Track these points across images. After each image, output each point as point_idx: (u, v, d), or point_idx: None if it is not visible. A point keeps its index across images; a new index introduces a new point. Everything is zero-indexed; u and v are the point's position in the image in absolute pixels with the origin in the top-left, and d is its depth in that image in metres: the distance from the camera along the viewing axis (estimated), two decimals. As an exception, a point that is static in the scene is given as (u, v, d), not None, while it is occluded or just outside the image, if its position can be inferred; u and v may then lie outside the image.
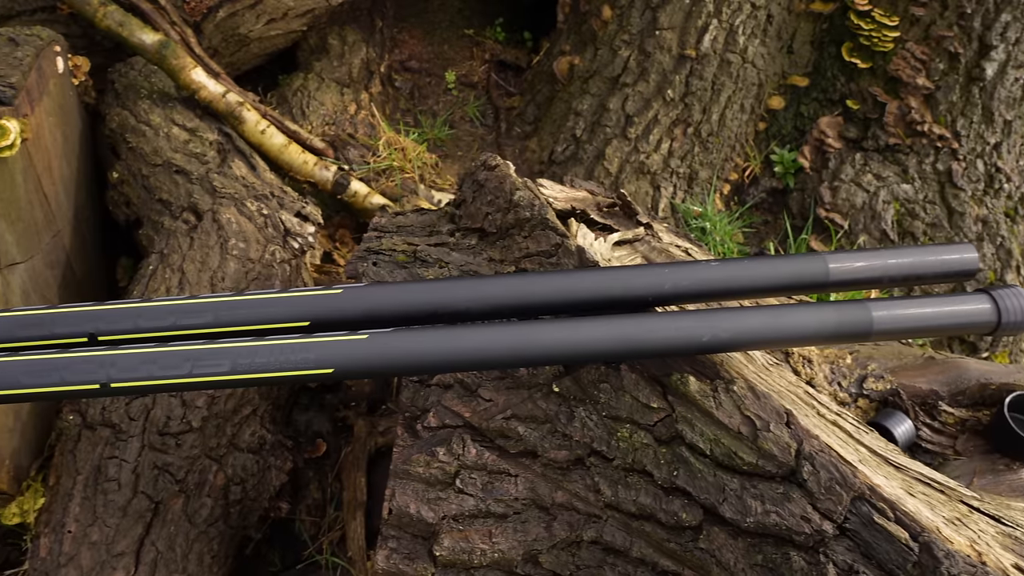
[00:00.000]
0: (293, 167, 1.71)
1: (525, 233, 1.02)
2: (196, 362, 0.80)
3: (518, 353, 0.84)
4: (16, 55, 1.31)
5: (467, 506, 0.88)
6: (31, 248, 1.29)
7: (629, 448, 0.87)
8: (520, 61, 2.31)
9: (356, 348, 0.81)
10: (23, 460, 1.19)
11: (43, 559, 1.15)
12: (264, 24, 1.95)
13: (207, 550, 1.22)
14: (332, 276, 1.69)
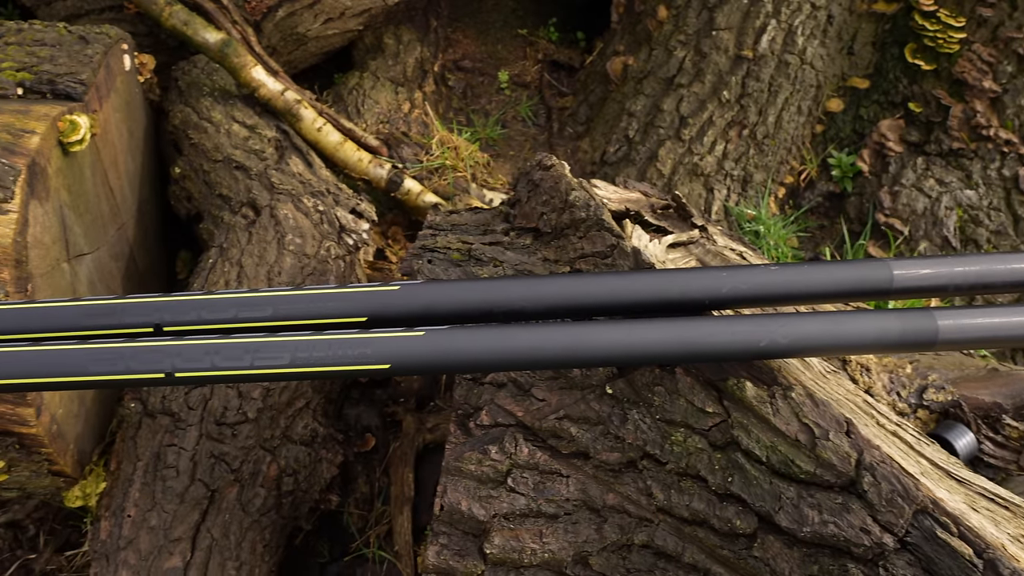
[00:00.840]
0: (348, 164, 1.73)
1: (580, 233, 1.02)
2: (256, 354, 0.81)
3: (572, 353, 0.84)
4: (86, 52, 1.35)
5: (518, 505, 0.89)
6: (98, 240, 1.33)
7: (683, 452, 0.86)
8: (573, 61, 2.31)
9: (412, 345, 0.82)
10: (86, 445, 1.23)
11: (103, 542, 1.18)
12: (322, 23, 1.98)
13: (259, 539, 1.25)
14: (385, 273, 1.71)
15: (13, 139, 1.08)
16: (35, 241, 1.07)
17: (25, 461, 1.09)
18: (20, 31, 1.40)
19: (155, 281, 1.69)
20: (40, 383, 0.82)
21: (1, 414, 1.03)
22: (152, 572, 1.16)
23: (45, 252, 1.10)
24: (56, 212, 1.15)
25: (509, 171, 2.04)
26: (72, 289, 1.21)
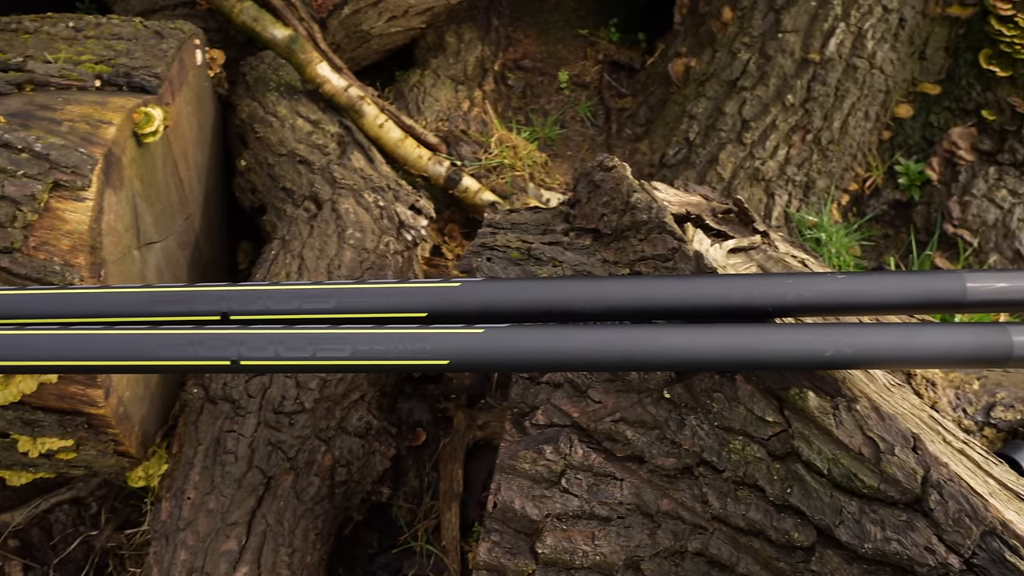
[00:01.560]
0: (408, 161, 1.75)
1: (641, 236, 1.01)
2: (319, 345, 0.83)
3: (631, 356, 0.83)
4: (161, 47, 1.39)
5: (571, 506, 0.88)
6: (166, 229, 1.37)
7: (741, 461, 0.85)
8: (634, 62, 2.29)
9: (472, 341, 0.82)
10: (150, 427, 1.27)
11: (163, 522, 1.22)
12: (385, 21, 2.00)
13: (312, 527, 1.27)
14: (441, 269, 1.72)
15: (91, 129, 1.12)
16: (109, 228, 1.10)
17: (93, 441, 1.13)
18: (99, 25, 1.45)
19: (218, 270, 1.73)
20: (112, 366, 0.85)
21: (72, 395, 1.07)
22: (209, 554, 1.19)
23: (118, 239, 1.14)
24: (129, 201, 1.18)
25: (567, 171, 2.04)
26: (141, 276, 1.25)
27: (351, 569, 1.55)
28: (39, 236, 1.02)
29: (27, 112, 1.13)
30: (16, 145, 1.04)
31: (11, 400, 1.02)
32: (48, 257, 1.01)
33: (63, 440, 1.10)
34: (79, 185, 1.04)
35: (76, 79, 1.23)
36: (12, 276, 1.00)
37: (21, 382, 1.02)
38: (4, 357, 0.86)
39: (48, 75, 1.22)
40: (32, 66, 1.23)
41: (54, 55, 1.28)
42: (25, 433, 1.09)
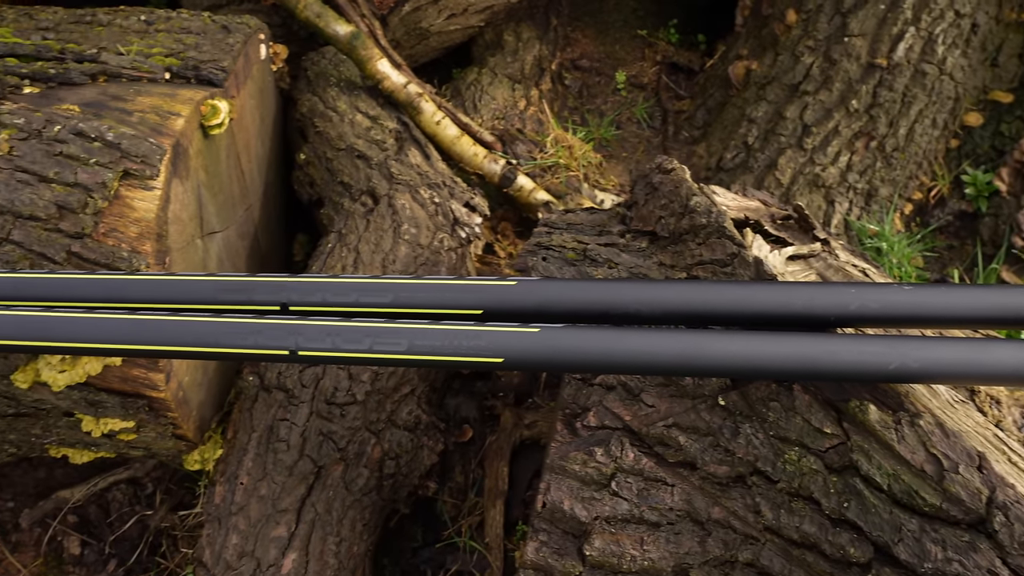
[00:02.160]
0: (464, 158, 1.76)
1: (699, 240, 1.00)
2: (376, 339, 0.84)
3: (687, 361, 0.82)
4: (228, 41, 1.42)
5: (621, 510, 0.88)
6: (228, 219, 1.40)
7: (796, 472, 0.83)
8: (693, 64, 2.27)
9: (527, 340, 0.82)
10: (207, 413, 1.29)
11: (217, 505, 1.25)
12: (445, 19, 2.01)
13: (359, 517, 1.28)
14: (493, 267, 1.73)
15: (161, 120, 1.15)
16: (175, 217, 1.13)
17: (152, 423, 1.16)
18: (169, 19, 1.48)
19: (275, 261, 1.76)
20: (176, 351, 0.87)
21: (135, 377, 1.10)
22: (259, 539, 1.21)
23: (182, 228, 1.17)
24: (194, 191, 1.21)
25: (621, 173, 2.03)
26: (203, 264, 1.28)
27: (395, 561, 1.57)
28: (108, 223, 1.05)
29: (100, 102, 1.17)
30: (89, 134, 1.08)
31: (77, 380, 1.05)
32: (116, 243, 1.04)
33: (125, 421, 1.14)
34: (148, 174, 1.07)
35: (147, 71, 1.26)
36: (82, 261, 1.03)
37: (87, 363, 1.05)
38: (73, 338, 0.89)
39: (120, 67, 1.25)
40: (105, 57, 1.26)
41: (126, 47, 1.32)
42: (89, 413, 1.13)
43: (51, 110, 1.12)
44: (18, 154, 1.06)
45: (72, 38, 1.36)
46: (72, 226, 1.03)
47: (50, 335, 0.90)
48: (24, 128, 1.08)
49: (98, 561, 1.56)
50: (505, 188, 1.77)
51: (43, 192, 1.03)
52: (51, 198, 1.03)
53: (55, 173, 1.04)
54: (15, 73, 1.19)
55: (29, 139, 1.07)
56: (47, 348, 0.92)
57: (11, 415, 1.15)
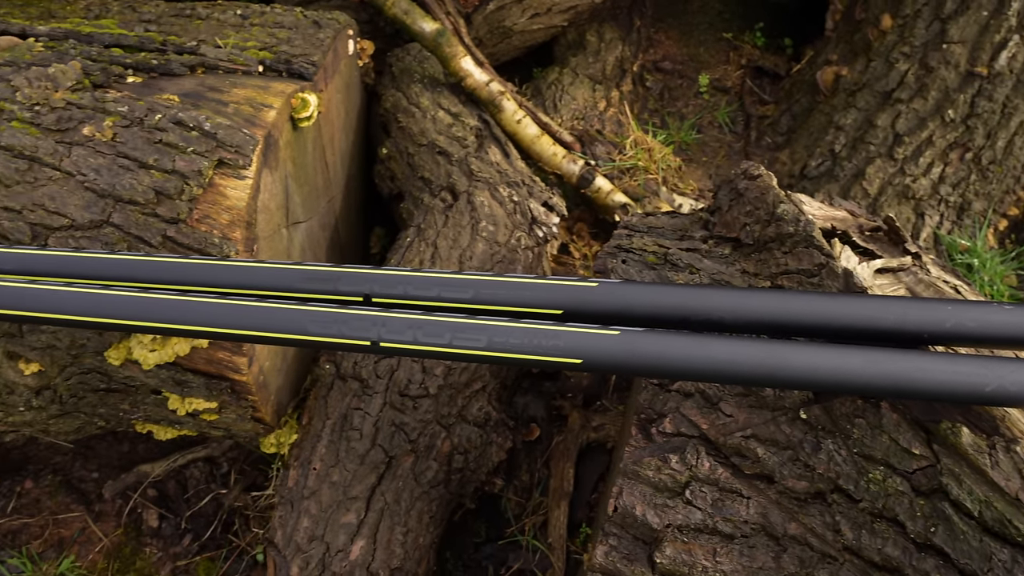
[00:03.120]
0: (543, 158, 1.76)
1: (786, 249, 0.98)
2: (456, 334, 0.84)
3: (769, 372, 0.80)
4: (318, 36, 1.45)
5: (694, 519, 0.86)
6: (311, 210, 1.43)
7: (880, 492, 0.81)
8: (779, 68, 2.21)
9: (606, 343, 0.82)
10: (284, 398, 1.33)
11: (290, 488, 1.28)
12: (528, 18, 2.02)
13: (426, 509, 1.30)
14: (568, 267, 1.72)
15: (254, 112, 1.19)
16: (263, 206, 1.16)
17: (234, 405, 1.19)
18: (263, 14, 1.53)
19: (353, 253, 1.79)
20: (262, 336, 0.89)
21: (219, 360, 1.13)
22: (329, 524, 1.24)
23: (270, 217, 1.20)
24: (282, 181, 1.25)
25: (701, 177, 2.00)
26: (287, 253, 1.31)
27: (457, 555, 1.58)
28: (202, 209, 1.09)
29: (198, 93, 1.21)
30: (188, 123, 1.12)
31: (166, 360, 1.09)
32: (209, 230, 1.08)
33: (208, 402, 1.18)
34: (241, 164, 1.11)
35: (242, 64, 1.30)
36: (176, 245, 1.07)
37: (176, 344, 1.09)
38: (165, 319, 0.93)
39: (217, 59, 1.29)
40: (204, 50, 1.31)
41: (223, 40, 1.36)
42: (175, 392, 1.17)
43: (152, 99, 1.16)
44: (121, 141, 1.10)
45: (173, 30, 1.42)
46: (168, 211, 1.07)
47: (144, 315, 0.93)
48: (127, 116, 1.12)
49: (174, 535, 1.62)
50: (583, 189, 1.76)
51: (142, 178, 1.08)
52: (150, 184, 1.07)
53: (154, 160, 1.09)
54: (120, 63, 1.25)
55: (131, 127, 1.11)
56: (140, 327, 0.95)
57: (103, 390, 1.20)
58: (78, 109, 1.13)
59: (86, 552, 1.58)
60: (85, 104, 1.13)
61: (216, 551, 1.59)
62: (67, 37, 1.30)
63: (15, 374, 1.14)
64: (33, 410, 1.22)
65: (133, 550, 1.60)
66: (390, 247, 1.88)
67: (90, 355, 1.13)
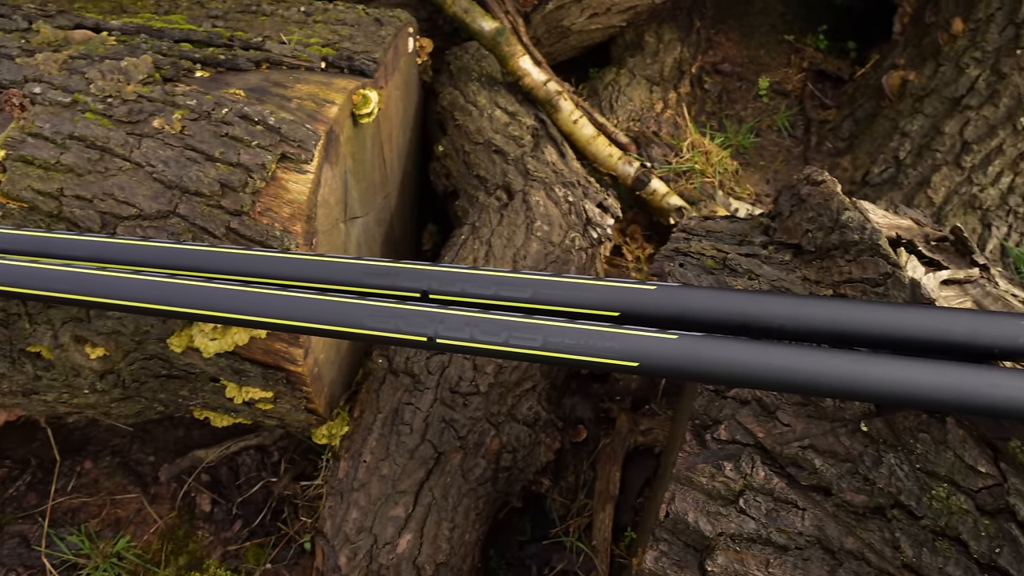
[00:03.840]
0: (598, 159, 1.75)
1: (850, 257, 0.96)
2: (512, 333, 0.84)
3: (830, 382, 0.79)
4: (380, 34, 1.46)
5: (747, 528, 0.85)
6: (368, 206, 1.45)
7: (943, 510, 0.78)
8: (842, 72, 2.17)
9: (664, 347, 0.81)
10: (336, 390, 1.35)
11: (340, 480, 1.29)
12: (587, 18, 2.01)
13: (473, 506, 1.30)
14: (621, 269, 1.71)
15: (316, 107, 1.20)
16: (323, 201, 1.18)
17: (288, 395, 1.21)
18: (326, 11, 1.55)
19: (406, 249, 1.81)
20: (321, 329, 0.91)
21: (276, 351, 1.15)
22: (378, 516, 1.25)
23: (329, 211, 1.22)
24: (341, 177, 1.26)
25: (758, 182, 1.97)
26: (344, 248, 1.33)
27: (501, 553, 1.59)
28: (264, 202, 1.11)
29: (263, 88, 1.23)
30: (253, 117, 1.14)
31: (225, 349, 1.12)
32: (270, 222, 1.10)
33: (264, 391, 1.20)
34: (303, 158, 1.12)
35: (305, 60, 1.32)
36: (239, 237, 1.09)
37: (236, 334, 1.11)
38: (227, 309, 0.95)
39: (282, 55, 1.32)
40: (269, 46, 1.33)
41: (288, 37, 1.38)
42: (233, 380, 1.20)
43: (219, 93, 1.19)
44: (189, 133, 1.13)
45: (239, 26, 1.45)
46: (232, 203, 1.09)
47: (206, 304, 0.96)
48: (195, 109, 1.15)
49: (225, 520, 1.66)
50: (638, 191, 1.75)
51: (208, 170, 1.10)
52: (215, 176, 1.10)
53: (220, 153, 1.11)
54: (189, 57, 1.28)
55: (199, 120, 1.14)
56: (202, 316, 0.97)
57: (164, 376, 1.23)
58: (148, 102, 1.16)
59: (141, 533, 1.63)
60: (155, 97, 1.16)
61: (265, 538, 1.62)
62: (139, 32, 1.34)
63: (81, 357, 1.17)
64: (97, 393, 1.26)
65: (186, 533, 1.64)
66: (442, 244, 1.90)
67: (153, 341, 1.16)
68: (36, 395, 1.30)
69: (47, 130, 1.12)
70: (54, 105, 1.15)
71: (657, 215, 1.78)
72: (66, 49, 1.26)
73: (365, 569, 1.24)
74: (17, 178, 1.11)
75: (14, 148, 1.12)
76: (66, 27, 1.33)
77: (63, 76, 1.18)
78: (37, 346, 1.19)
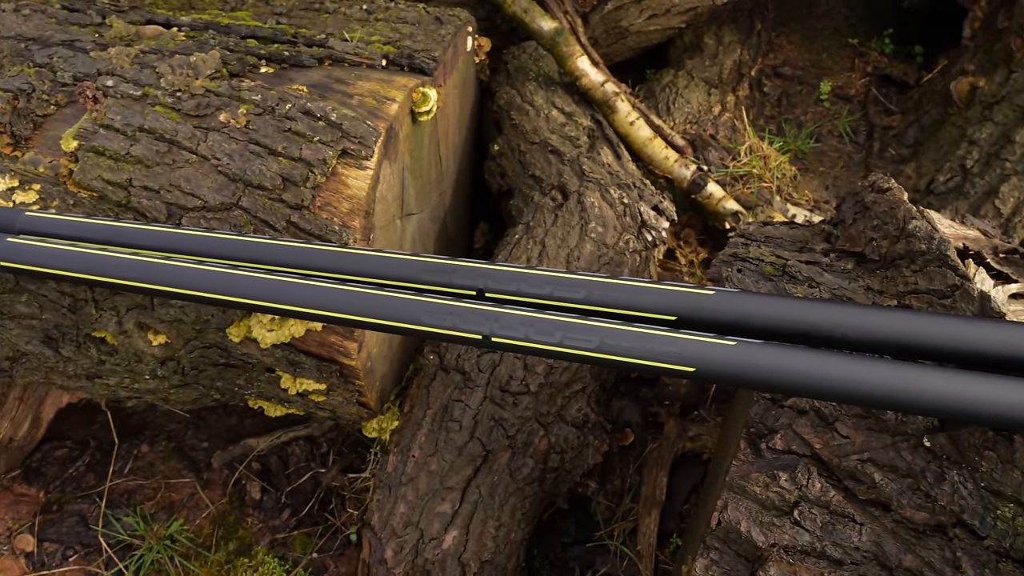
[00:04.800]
0: (654, 161, 1.74)
1: (916, 267, 0.93)
2: (567, 333, 0.84)
3: (893, 395, 0.77)
4: (440, 32, 1.47)
5: (801, 540, 0.84)
6: (424, 203, 1.46)
7: (1009, 531, 0.76)
8: (907, 77, 2.11)
9: (722, 353, 0.80)
10: (387, 385, 1.36)
11: (389, 474, 1.31)
12: (646, 19, 2.00)
13: (520, 505, 1.30)
14: (674, 273, 1.70)
15: (377, 104, 1.22)
16: (381, 197, 1.19)
17: (341, 388, 1.23)
18: (387, 9, 1.56)
19: (459, 247, 1.82)
20: (376, 323, 0.92)
21: (331, 344, 1.17)
22: (425, 512, 1.26)
23: (386, 208, 1.23)
24: (399, 173, 1.27)
25: (817, 188, 1.93)
26: (399, 244, 1.34)
27: (544, 553, 1.58)
28: (324, 197, 1.13)
29: (325, 84, 1.25)
30: (315, 113, 1.16)
31: (282, 340, 1.14)
32: (329, 217, 1.12)
33: (318, 384, 1.22)
34: (363, 155, 1.14)
35: (367, 57, 1.33)
36: (299, 230, 1.11)
37: (293, 326, 1.13)
38: (286, 301, 0.96)
39: (344, 52, 1.33)
40: (332, 43, 1.35)
41: (350, 34, 1.40)
42: (288, 372, 1.22)
43: (283, 89, 1.21)
44: (253, 128, 1.15)
45: (302, 23, 1.47)
46: (293, 197, 1.11)
47: (266, 296, 0.97)
48: (260, 104, 1.17)
49: (274, 508, 1.69)
50: (694, 194, 1.73)
51: (271, 164, 1.12)
52: (277, 170, 1.12)
53: (283, 147, 1.13)
54: (254, 54, 1.30)
55: (263, 115, 1.16)
56: (261, 307, 0.99)
57: (222, 364, 1.26)
58: (215, 96, 1.18)
59: (194, 516, 1.67)
60: (222, 92, 1.19)
61: (312, 527, 1.64)
62: (207, 28, 1.37)
63: (144, 344, 1.20)
64: (157, 379, 1.29)
65: (236, 519, 1.67)
66: (493, 243, 1.90)
67: (213, 331, 1.18)
68: (99, 379, 1.34)
69: (118, 122, 1.16)
70: (125, 98, 1.18)
71: (712, 219, 1.76)
72: (138, 44, 1.29)
73: (411, 563, 1.25)
74: (88, 168, 1.14)
75: (86, 139, 1.16)
76: (138, 22, 1.37)
77: (135, 70, 1.22)
78: (102, 331, 1.22)
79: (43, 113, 1.20)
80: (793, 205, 1.80)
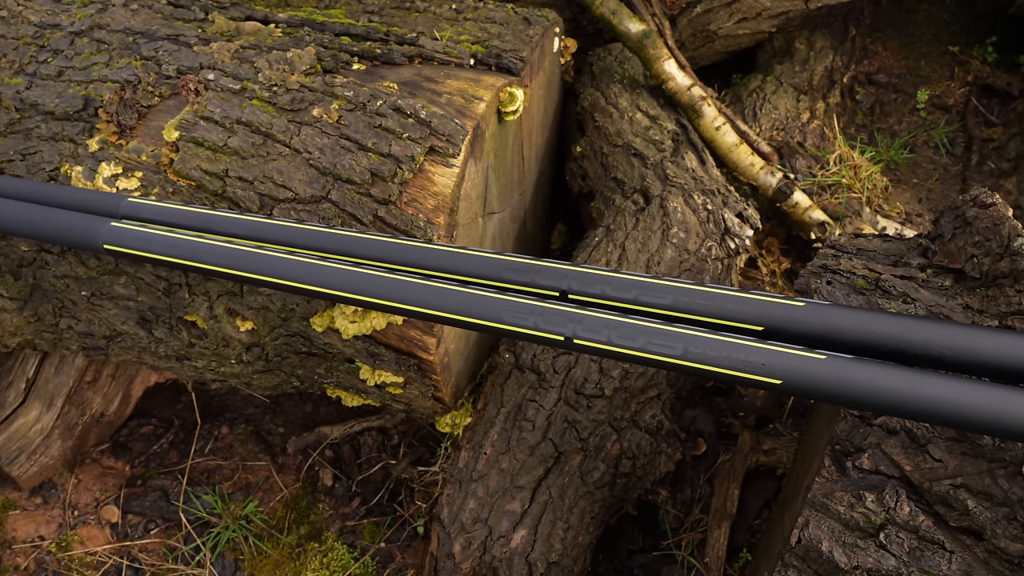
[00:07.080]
0: (739, 168, 1.70)
1: (1021, 287, 0.89)
2: (651, 339, 0.83)
3: (993, 419, 0.73)
4: (528, 33, 1.48)
5: (886, 565, 0.81)
6: (505, 202, 1.46)
7: (1116, 570, 0.72)
8: (1011, 88, 2.02)
9: (811, 366, 0.78)
10: (462, 381, 1.37)
11: (460, 469, 1.32)
12: (735, 23, 1.96)
13: (589, 509, 1.30)
14: (755, 282, 1.66)
15: (465, 103, 1.23)
16: (465, 195, 1.20)
17: (418, 382, 1.25)
18: (476, 9, 1.58)
19: (536, 248, 1.82)
20: (459, 320, 0.92)
21: (411, 338, 1.19)
22: (494, 509, 1.27)
23: (470, 206, 1.24)
24: (483, 172, 1.28)
25: (909, 200, 1.86)
26: (481, 242, 1.35)
27: (610, 559, 1.57)
28: (410, 193, 1.14)
29: (415, 82, 1.27)
30: (405, 111, 1.18)
31: (364, 332, 1.16)
32: (415, 213, 1.13)
33: (396, 376, 1.24)
34: (450, 152, 1.15)
35: (455, 56, 1.35)
36: (385, 225, 1.13)
37: (374, 318, 1.15)
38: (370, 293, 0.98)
39: (434, 51, 1.35)
40: (422, 42, 1.37)
41: (440, 33, 1.42)
42: (367, 363, 1.24)
43: (374, 86, 1.23)
44: (344, 123, 1.18)
45: (394, 22, 1.50)
46: (381, 192, 1.13)
47: (350, 288, 1.00)
48: (352, 101, 1.20)
49: (345, 496, 1.72)
50: (779, 203, 1.69)
51: (361, 159, 1.15)
52: (367, 165, 1.14)
53: (373, 143, 1.15)
54: (347, 51, 1.33)
55: (355, 111, 1.19)
56: (345, 299, 1.01)
57: (304, 353, 1.29)
58: (310, 92, 1.22)
59: (268, 499, 1.72)
60: (316, 87, 1.22)
61: (381, 517, 1.67)
62: (303, 24, 1.40)
63: (232, 329, 1.24)
64: (242, 364, 1.34)
65: (308, 504, 1.71)
66: (571, 244, 1.90)
67: (297, 320, 1.21)
68: (187, 361, 1.39)
69: (217, 114, 1.20)
70: (225, 91, 1.23)
71: (797, 229, 1.71)
72: (238, 39, 1.34)
73: (478, 559, 1.26)
74: (188, 158, 1.19)
75: (187, 130, 1.20)
76: (238, 19, 1.42)
77: (234, 64, 1.26)
78: (193, 315, 1.27)
79: (148, 104, 1.26)
80: (884, 217, 1.73)
